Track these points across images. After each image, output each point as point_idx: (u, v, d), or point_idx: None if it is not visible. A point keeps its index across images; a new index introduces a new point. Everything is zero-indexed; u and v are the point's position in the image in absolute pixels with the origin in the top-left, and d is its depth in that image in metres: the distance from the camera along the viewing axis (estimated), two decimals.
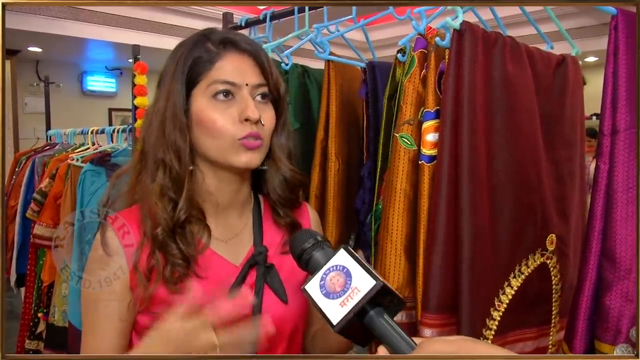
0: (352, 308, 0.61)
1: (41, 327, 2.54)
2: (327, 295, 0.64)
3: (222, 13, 1.91)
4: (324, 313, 0.63)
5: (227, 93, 0.85)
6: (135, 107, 2.17)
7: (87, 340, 0.86)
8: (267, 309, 0.86)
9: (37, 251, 2.58)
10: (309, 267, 0.72)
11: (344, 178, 1.40)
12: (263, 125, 0.86)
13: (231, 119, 0.84)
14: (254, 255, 0.91)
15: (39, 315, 2.55)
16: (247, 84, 0.86)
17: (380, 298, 0.62)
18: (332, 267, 0.66)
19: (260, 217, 0.96)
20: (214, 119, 0.84)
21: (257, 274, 0.89)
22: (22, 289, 2.80)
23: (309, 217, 1.00)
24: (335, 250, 0.68)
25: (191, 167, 0.86)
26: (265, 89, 0.88)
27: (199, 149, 0.87)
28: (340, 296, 0.63)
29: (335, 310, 0.62)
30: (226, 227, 0.92)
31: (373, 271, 0.63)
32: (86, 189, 2.13)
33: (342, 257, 0.66)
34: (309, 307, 0.94)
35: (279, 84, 0.90)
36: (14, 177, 3.24)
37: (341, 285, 0.64)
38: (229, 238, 0.92)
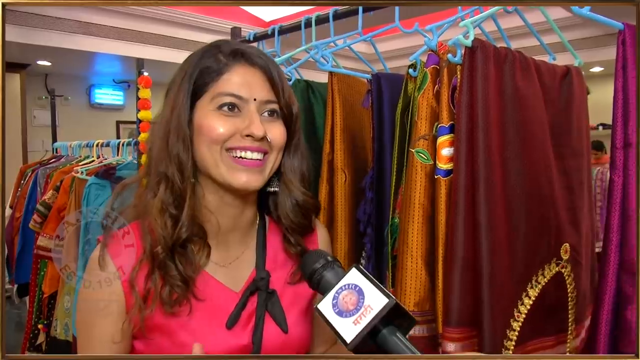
0: (366, 326, 0.62)
1: (40, 338, 2.56)
2: (340, 313, 0.65)
3: (230, 27, 1.93)
4: (337, 332, 0.64)
5: (232, 106, 0.80)
6: (140, 121, 2.18)
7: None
8: (267, 339, 0.83)
9: (39, 262, 2.59)
10: (320, 287, 0.72)
11: (352, 190, 1.40)
12: (270, 141, 0.82)
13: (233, 129, 0.79)
14: (255, 281, 0.86)
15: (39, 326, 2.56)
16: (255, 99, 0.81)
17: (392, 316, 0.63)
18: (345, 285, 0.67)
19: (264, 239, 0.91)
20: (214, 127, 0.79)
21: (258, 301, 0.85)
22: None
23: (317, 239, 0.96)
24: (347, 269, 0.68)
25: (192, 181, 0.81)
26: (274, 106, 0.83)
27: (199, 164, 0.82)
28: (353, 314, 0.64)
29: (349, 329, 0.63)
30: (226, 250, 0.87)
31: (385, 289, 0.64)
32: (91, 202, 2.14)
33: (354, 276, 0.67)
34: (311, 334, 0.92)
35: (291, 103, 0.85)
36: (19, 189, 3.26)
37: (354, 304, 0.64)
38: (229, 262, 0.87)
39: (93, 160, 2.71)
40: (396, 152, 1.15)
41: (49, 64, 5.37)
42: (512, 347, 1.02)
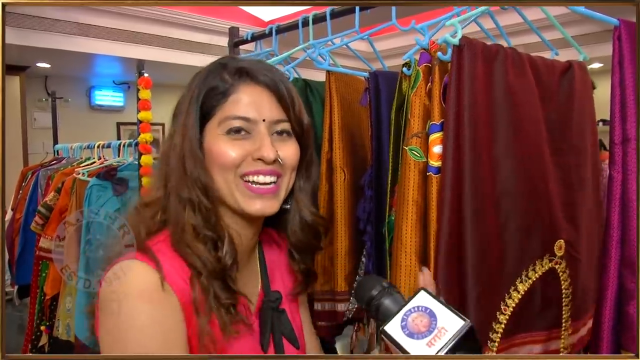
0: (442, 348, 0.62)
1: (43, 340, 2.57)
2: (411, 335, 0.64)
3: (228, 27, 1.93)
4: (408, 353, 0.63)
5: (241, 129, 0.77)
6: (140, 121, 2.19)
7: None
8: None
9: (40, 264, 2.60)
10: (380, 314, 0.72)
11: (351, 188, 1.40)
12: (282, 163, 0.79)
13: (243, 153, 0.77)
14: (268, 302, 0.85)
15: (42, 328, 2.57)
16: (264, 120, 0.78)
17: (465, 338, 0.63)
18: (413, 308, 0.67)
19: (264, 258, 0.90)
20: (224, 152, 0.77)
21: (273, 322, 0.85)
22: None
23: None
24: (414, 293, 0.69)
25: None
26: (285, 125, 0.81)
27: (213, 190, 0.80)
28: (426, 336, 0.63)
29: (423, 351, 0.63)
30: (239, 271, 0.83)
31: (458, 311, 0.64)
32: (92, 203, 2.15)
33: (423, 298, 0.68)
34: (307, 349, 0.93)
35: (302, 118, 0.82)
36: (20, 191, 3.26)
37: (426, 326, 0.64)
38: (243, 283, 0.84)
39: (94, 162, 2.71)
40: (391, 150, 1.16)
41: (48, 66, 5.37)
42: (498, 339, 1.03)
